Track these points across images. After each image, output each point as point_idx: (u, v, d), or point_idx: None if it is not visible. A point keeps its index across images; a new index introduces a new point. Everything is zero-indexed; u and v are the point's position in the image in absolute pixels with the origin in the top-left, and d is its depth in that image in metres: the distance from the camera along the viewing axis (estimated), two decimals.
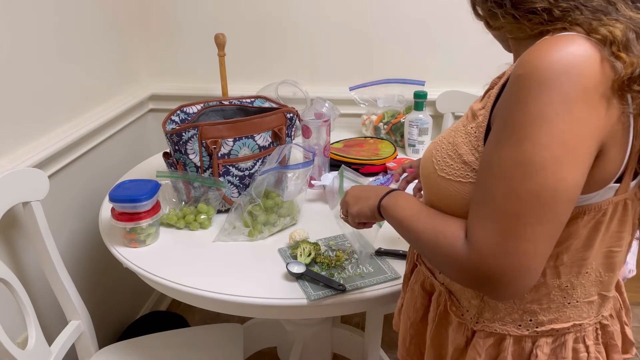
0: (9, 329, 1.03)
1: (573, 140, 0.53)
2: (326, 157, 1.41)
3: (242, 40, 1.84)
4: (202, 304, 1.04)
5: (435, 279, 0.79)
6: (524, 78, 0.55)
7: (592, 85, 0.53)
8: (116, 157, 1.72)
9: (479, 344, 0.72)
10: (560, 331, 0.69)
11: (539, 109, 0.53)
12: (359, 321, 1.92)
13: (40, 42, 1.34)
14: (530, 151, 0.54)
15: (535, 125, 0.54)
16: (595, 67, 0.53)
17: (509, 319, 0.70)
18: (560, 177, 0.54)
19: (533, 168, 0.54)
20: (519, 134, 0.55)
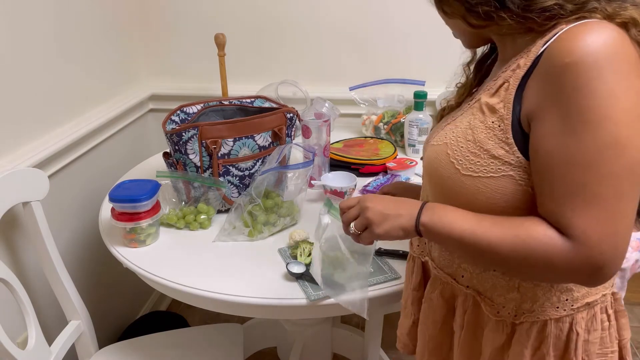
0: (9, 329, 1.03)
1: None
2: (326, 157, 1.41)
3: (242, 40, 1.84)
4: (202, 304, 1.04)
5: (458, 283, 0.77)
6: (576, 65, 0.56)
7: (635, 60, 0.57)
8: (116, 157, 1.72)
9: (523, 337, 0.72)
10: (592, 304, 0.71)
11: (607, 89, 0.55)
12: (359, 321, 1.92)
13: (40, 42, 1.34)
14: (614, 130, 0.55)
15: (608, 105, 0.55)
16: (630, 46, 0.57)
17: (547, 304, 0.70)
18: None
19: (621, 146, 0.55)
20: (595, 117, 0.55)
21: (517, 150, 0.63)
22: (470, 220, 0.65)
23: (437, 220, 0.68)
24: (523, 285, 0.71)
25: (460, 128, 0.70)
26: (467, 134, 0.68)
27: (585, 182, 0.57)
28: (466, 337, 0.78)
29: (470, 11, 0.66)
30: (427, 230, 0.68)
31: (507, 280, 0.72)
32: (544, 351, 0.72)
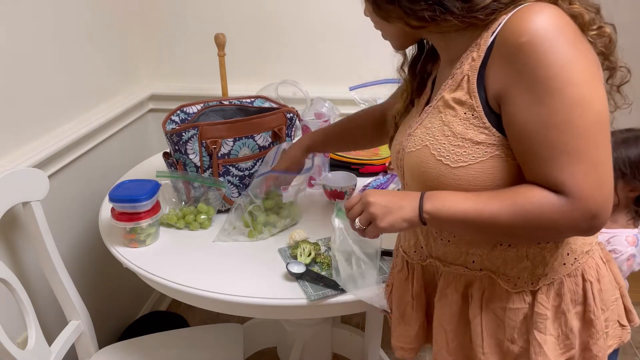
0: (9, 329, 1.03)
1: (595, 70, 0.64)
2: (326, 157, 1.41)
3: (242, 40, 1.84)
4: (202, 304, 1.04)
5: (470, 270, 0.79)
6: (530, 43, 0.62)
7: (576, 28, 0.64)
8: (116, 157, 1.72)
9: (544, 300, 0.76)
10: (590, 253, 0.77)
11: (562, 58, 0.61)
12: (359, 321, 1.92)
13: (40, 42, 1.34)
14: (576, 91, 0.61)
15: (566, 70, 0.61)
16: (567, 17, 0.64)
17: (556, 264, 0.75)
18: (603, 102, 0.63)
19: (586, 102, 0.62)
20: (558, 84, 0.61)
21: (496, 131, 0.68)
22: (470, 199, 0.69)
23: (439, 205, 0.71)
24: (531, 252, 0.75)
25: (435, 128, 0.73)
26: (444, 130, 0.72)
27: (564, 141, 0.62)
28: (486, 319, 0.79)
29: (411, 15, 0.70)
30: (432, 218, 0.72)
31: (515, 251, 0.75)
32: (564, 308, 0.76)
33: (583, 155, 0.62)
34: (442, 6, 0.67)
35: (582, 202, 0.62)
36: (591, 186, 0.62)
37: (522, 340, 0.78)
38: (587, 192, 0.62)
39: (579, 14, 0.65)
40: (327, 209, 1.29)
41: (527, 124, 0.64)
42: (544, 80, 0.62)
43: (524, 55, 0.62)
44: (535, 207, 0.64)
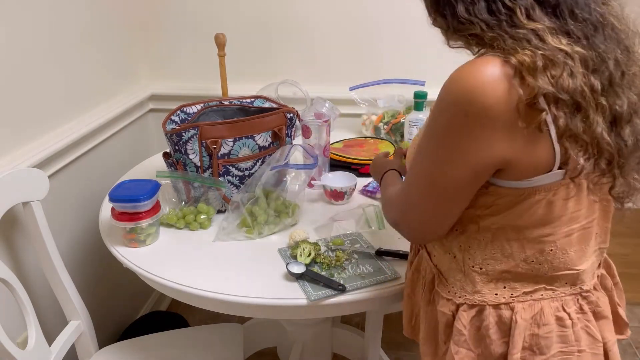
0: (9, 329, 1.03)
1: (467, 150, 0.66)
2: (326, 157, 1.41)
3: (242, 40, 1.84)
4: (202, 304, 1.04)
5: (430, 261, 0.86)
6: (443, 90, 0.67)
7: (492, 106, 0.62)
8: (116, 157, 1.72)
9: (463, 317, 0.78)
10: (534, 296, 0.76)
11: (446, 119, 0.67)
12: (359, 321, 1.92)
13: (40, 42, 1.34)
14: (435, 150, 0.70)
15: (441, 131, 0.68)
16: (499, 90, 0.62)
17: (486, 290, 0.77)
18: (453, 175, 0.69)
19: (435, 162, 0.70)
20: (432, 134, 0.70)
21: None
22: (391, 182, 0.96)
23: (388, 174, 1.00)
24: (467, 270, 0.79)
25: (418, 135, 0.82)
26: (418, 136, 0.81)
27: (410, 168, 0.77)
28: (428, 309, 0.87)
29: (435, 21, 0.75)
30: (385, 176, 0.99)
31: (456, 263, 0.80)
32: (483, 333, 0.77)
33: (404, 184, 0.79)
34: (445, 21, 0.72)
35: (389, 206, 0.84)
36: (399, 205, 0.80)
37: (448, 345, 0.81)
38: (395, 206, 0.81)
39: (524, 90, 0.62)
40: (327, 209, 1.30)
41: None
42: (429, 123, 0.71)
43: (438, 97, 0.68)
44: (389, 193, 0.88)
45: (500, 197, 0.71)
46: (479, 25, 0.67)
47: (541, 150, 0.66)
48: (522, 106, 0.62)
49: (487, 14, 0.66)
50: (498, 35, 0.65)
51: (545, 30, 0.64)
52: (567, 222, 0.73)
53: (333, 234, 1.17)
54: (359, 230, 1.18)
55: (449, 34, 0.73)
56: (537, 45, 0.63)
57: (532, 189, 0.69)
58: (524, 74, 0.62)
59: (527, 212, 0.71)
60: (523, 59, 0.62)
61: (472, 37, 0.69)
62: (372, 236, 1.16)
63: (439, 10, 0.72)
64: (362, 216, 1.22)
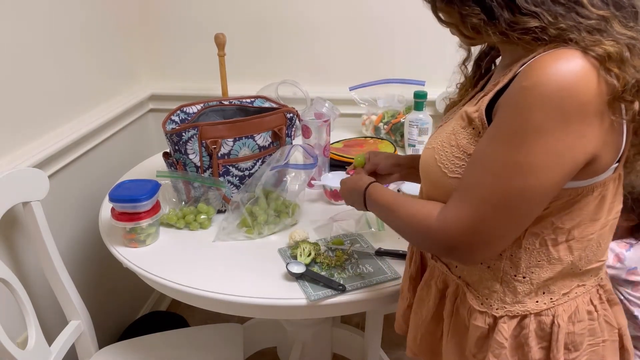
0: (9, 329, 1.03)
1: (564, 151, 0.60)
2: (326, 157, 1.41)
3: (242, 40, 1.84)
4: (202, 304, 1.04)
5: (451, 273, 0.81)
6: (528, 90, 0.60)
7: (588, 101, 0.59)
8: (116, 157, 1.72)
9: (504, 329, 0.75)
10: (570, 295, 0.75)
11: (539, 121, 0.59)
12: (359, 321, 1.92)
13: (40, 42, 1.34)
14: (524, 156, 0.61)
15: (533, 134, 0.60)
16: (592, 84, 0.58)
17: (528, 299, 0.74)
18: (543, 182, 0.62)
19: (523, 170, 0.62)
20: (518, 139, 0.61)
21: None
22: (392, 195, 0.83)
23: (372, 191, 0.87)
24: (505, 279, 0.75)
25: (446, 133, 0.74)
26: (451, 139, 0.72)
27: (480, 184, 0.65)
28: (455, 323, 0.82)
29: (463, 22, 0.68)
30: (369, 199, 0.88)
31: (493, 273, 0.75)
32: (521, 341, 0.75)
33: (481, 207, 0.65)
34: (489, 13, 0.64)
35: (439, 228, 0.69)
36: (466, 227, 0.66)
37: (481, 356, 0.79)
38: (456, 227, 0.67)
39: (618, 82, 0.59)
40: (327, 209, 1.30)
41: (475, 152, 0.67)
42: (513, 128, 0.62)
43: (517, 98, 0.62)
44: (420, 217, 0.73)
45: (557, 199, 0.67)
46: (545, 17, 0.61)
47: (618, 142, 0.64)
48: (612, 99, 0.59)
49: (551, 3, 0.61)
50: (572, 27, 0.60)
51: (613, 17, 0.61)
52: (606, 214, 0.72)
53: (333, 234, 1.17)
54: (359, 231, 1.18)
55: (491, 29, 0.65)
56: (615, 35, 0.60)
57: (590, 186, 0.67)
58: (610, 65, 0.58)
59: (581, 211, 0.69)
60: (610, 50, 0.58)
61: (529, 31, 0.63)
62: (372, 236, 1.16)
63: (481, 3, 0.64)
64: (362, 217, 1.22)
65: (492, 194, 0.64)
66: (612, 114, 0.60)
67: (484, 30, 0.66)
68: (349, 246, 1.12)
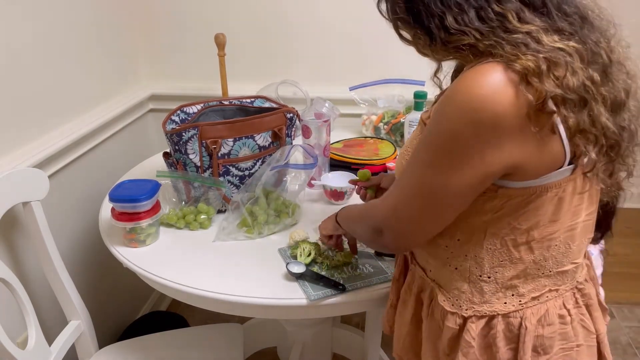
0: (9, 329, 1.03)
1: (474, 159, 0.64)
2: (326, 157, 1.41)
3: (242, 40, 1.84)
4: (202, 304, 1.04)
5: (427, 276, 0.84)
6: (447, 98, 0.65)
7: (503, 114, 0.61)
8: (116, 157, 1.72)
9: (472, 328, 0.77)
10: (540, 299, 0.76)
11: (450, 128, 0.65)
12: (359, 321, 1.92)
13: (39, 42, 1.34)
14: (435, 158, 0.67)
15: (447, 141, 0.65)
16: (507, 97, 0.61)
17: (494, 299, 0.76)
18: (453, 182, 0.67)
19: (435, 170, 0.68)
20: (431, 142, 0.68)
21: None
22: (354, 208, 0.92)
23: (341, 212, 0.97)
24: (472, 280, 0.77)
25: (409, 139, 0.81)
26: (412, 144, 0.77)
27: (404, 179, 0.73)
28: (430, 326, 0.84)
29: (414, 41, 0.74)
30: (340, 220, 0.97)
31: (460, 275, 0.78)
32: (490, 341, 0.77)
33: (396, 191, 0.74)
34: (429, 34, 0.69)
35: (378, 215, 0.77)
36: (389, 213, 0.74)
37: (453, 356, 0.80)
38: (384, 212, 0.75)
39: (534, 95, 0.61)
40: (327, 209, 1.30)
41: (411, 153, 0.74)
42: (430, 133, 0.68)
43: (439, 106, 0.67)
44: (365, 209, 0.86)
45: (510, 199, 0.70)
46: (472, 35, 0.65)
47: (551, 149, 0.65)
48: (532, 111, 0.61)
49: (478, 22, 0.65)
50: (495, 43, 0.64)
51: (540, 31, 0.63)
52: (571, 216, 0.73)
53: None
54: None
55: (434, 48, 0.71)
56: (536, 48, 0.62)
57: (543, 186, 0.69)
58: (530, 78, 0.61)
59: (537, 211, 0.70)
60: (527, 64, 0.61)
61: (463, 48, 0.67)
62: None
63: (421, 24, 0.70)
64: None
65: (408, 186, 0.72)
66: (533, 125, 0.62)
67: (428, 49, 0.72)
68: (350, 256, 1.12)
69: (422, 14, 0.68)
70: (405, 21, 0.73)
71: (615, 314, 2.05)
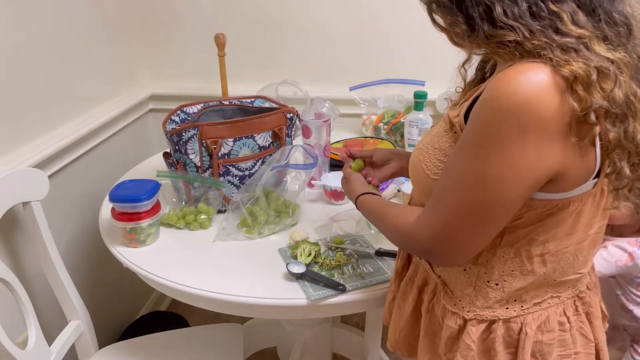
0: (9, 329, 1.03)
1: (522, 165, 0.61)
2: (326, 157, 1.41)
3: (242, 40, 1.84)
4: (202, 304, 1.04)
5: (432, 271, 0.83)
6: (489, 102, 0.61)
7: (548, 117, 0.58)
8: (116, 157, 1.72)
9: (472, 332, 0.77)
10: (542, 305, 0.75)
11: (497, 134, 0.60)
12: (359, 321, 1.92)
13: (39, 42, 1.34)
14: (484, 168, 0.62)
15: (491, 147, 0.61)
16: (553, 101, 0.58)
17: (497, 305, 0.76)
18: (503, 194, 0.63)
19: (483, 182, 0.63)
20: (478, 152, 0.63)
21: None
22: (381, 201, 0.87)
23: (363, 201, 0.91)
24: (478, 284, 0.76)
25: (431, 135, 0.77)
26: (435, 141, 0.74)
27: (449, 194, 0.67)
28: (430, 321, 0.84)
29: (450, 29, 0.69)
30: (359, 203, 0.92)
31: (467, 276, 0.77)
32: (489, 345, 0.76)
33: (449, 215, 0.67)
34: (470, 24, 0.65)
35: (413, 232, 0.72)
36: (437, 233, 0.69)
37: (450, 356, 0.80)
38: (428, 233, 0.70)
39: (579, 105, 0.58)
40: (327, 209, 1.30)
41: (447, 163, 0.70)
42: (475, 141, 0.63)
43: (479, 110, 0.63)
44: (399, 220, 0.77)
45: (530, 210, 0.67)
46: (520, 31, 0.60)
47: (587, 161, 0.63)
48: (574, 121, 0.59)
49: (530, 18, 0.60)
50: (545, 44, 0.59)
51: (593, 38, 0.60)
52: (584, 229, 0.72)
53: (333, 234, 1.17)
54: (359, 233, 1.18)
55: (473, 39, 0.66)
56: (587, 55, 0.59)
57: (566, 200, 0.67)
58: (576, 87, 0.58)
59: (557, 224, 0.69)
60: (577, 71, 0.57)
61: (508, 44, 0.62)
62: (372, 236, 1.16)
63: (463, 12, 0.65)
64: (362, 218, 1.22)
65: (457, 204, 0.66)
66: (574, 135, 0.60)
67: (466, 39, 0.67)
68: (349, 246, 1.12)
69: (466, 1, 0.64)
70: (444, 5, 0.67)
71: None
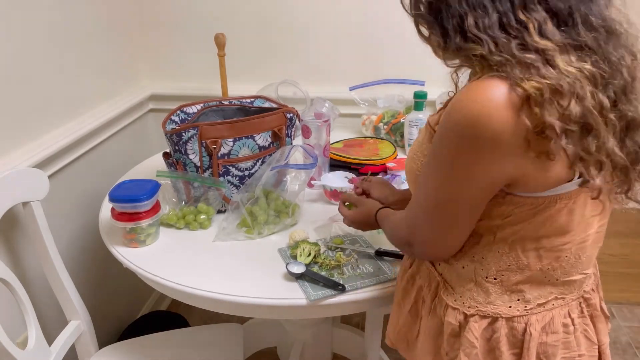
0: (9, 329, 1.03)
1: (476, 170, 0.65)
2: (326, 157, 1.41)
3: (242, 40, 1.84)
4: (202, 304, 1.04)
5: (435, 270, 0.84)
6: (449, 114, 0.65)
7: (501, 132, 0.61)
8: (116, 157, 1.72)
9: (475, 328, 0.77)
10: (546, 306, 0.76)
11: (455, 142, 0.65)
12: (359, 321, 1.92)
13: (40, 42, 1.34)
14: (444, 170, 0.68)
15: (450, 153, 0.66)
16: (506, 117, 0.60)
17: (499, 302, 0.76)
18: (462, 194, 0.68)
19: (442, 184, 0.69)
20: (439, 156, 0.69)
21: None
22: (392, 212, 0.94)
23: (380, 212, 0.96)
24: (479, 280, 0.77)
25: (418, 141, 0.81)
26: (423, 148, 0.77)
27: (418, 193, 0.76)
28: (432, 321, 0.84)
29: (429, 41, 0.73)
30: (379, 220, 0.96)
31: (466, 273, 0.78)
32: (493, 345, 0.76)
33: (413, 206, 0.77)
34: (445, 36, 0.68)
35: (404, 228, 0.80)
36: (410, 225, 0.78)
37: (453, 355, 0.80)
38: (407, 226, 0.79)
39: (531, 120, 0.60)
40: (327, 209, 1.30)
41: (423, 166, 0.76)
42: (435, 150, 0.69)
43: (441, 122, 0.67)
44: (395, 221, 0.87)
45: (517, 207, 0.69)
46: (487, 45, 0.63)
47: (554, 169, 0.65)
48: (530, 136, 0.61)
49: (498, 29, 0.62)
50: (505, 61, 0.62)
51: (556, 50, 0.61)
52: (584, 228, 0.73)
53: (333, 234, 1.17)
54: (358, 232, 1.18)
55: (446, 51, 0.69)
56: (544, 73, 0.60)
57: (552, 197, 0.68)
58: (531, 104, 0.60)
59: (547, 222, 0.70)
60: (530, 90, 0.59)
61: (474, 57, 0.65)
62: (372, 236, 1.16)
63: (439, 23, 0.68)
64: None
65: (423, 201, 0.74)
66: (532, 149, 0.62)
67: (440, 51, 0.70)
68: (349, 246, 1.12)
69: (442, 13, 0.66)
70: (423, 17, 0.71)
71: (615, 314, 2.05)
